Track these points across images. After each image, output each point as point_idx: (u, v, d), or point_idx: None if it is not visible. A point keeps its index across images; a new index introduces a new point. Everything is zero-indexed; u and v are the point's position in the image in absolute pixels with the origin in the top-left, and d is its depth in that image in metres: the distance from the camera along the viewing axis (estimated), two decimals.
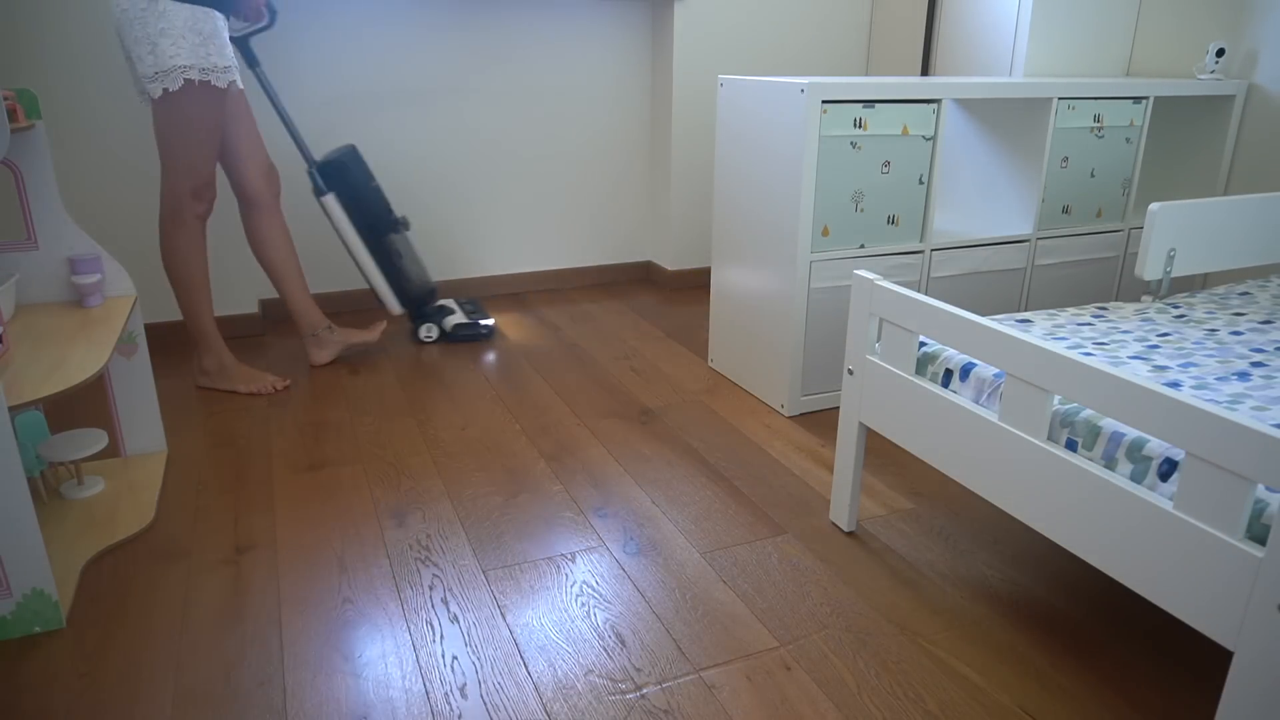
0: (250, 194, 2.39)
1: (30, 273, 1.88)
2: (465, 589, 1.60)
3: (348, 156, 2.63)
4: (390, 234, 2.69)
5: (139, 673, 1.38)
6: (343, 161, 2.61)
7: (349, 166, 2.62)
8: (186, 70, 2.06)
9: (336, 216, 2.62)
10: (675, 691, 1.35)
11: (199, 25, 2.05)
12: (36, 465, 1.86)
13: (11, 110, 1.64)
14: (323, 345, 2.64)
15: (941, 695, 1.35)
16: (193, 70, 2.06)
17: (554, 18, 3.22)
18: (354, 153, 2.66)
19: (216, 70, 2.10)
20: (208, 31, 2.06)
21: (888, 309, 1.57)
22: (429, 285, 2.84)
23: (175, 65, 2.04)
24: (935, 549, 1.75)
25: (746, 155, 2.37)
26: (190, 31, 2.04)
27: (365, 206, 2.64)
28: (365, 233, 2.65)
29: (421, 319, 2.82)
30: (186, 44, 2.04)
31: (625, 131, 3.48)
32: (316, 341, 2.63)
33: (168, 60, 2.04)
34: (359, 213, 2.64)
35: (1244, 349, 1.61)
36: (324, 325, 2.63)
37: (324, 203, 2.60)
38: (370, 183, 2.67)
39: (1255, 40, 2.67)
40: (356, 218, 2.64)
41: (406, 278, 2.75)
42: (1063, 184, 2.54)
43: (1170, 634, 1.49)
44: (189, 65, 2.05)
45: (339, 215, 2.61)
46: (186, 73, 2.06)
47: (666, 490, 1.96)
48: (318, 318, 2.62)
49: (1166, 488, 1.15)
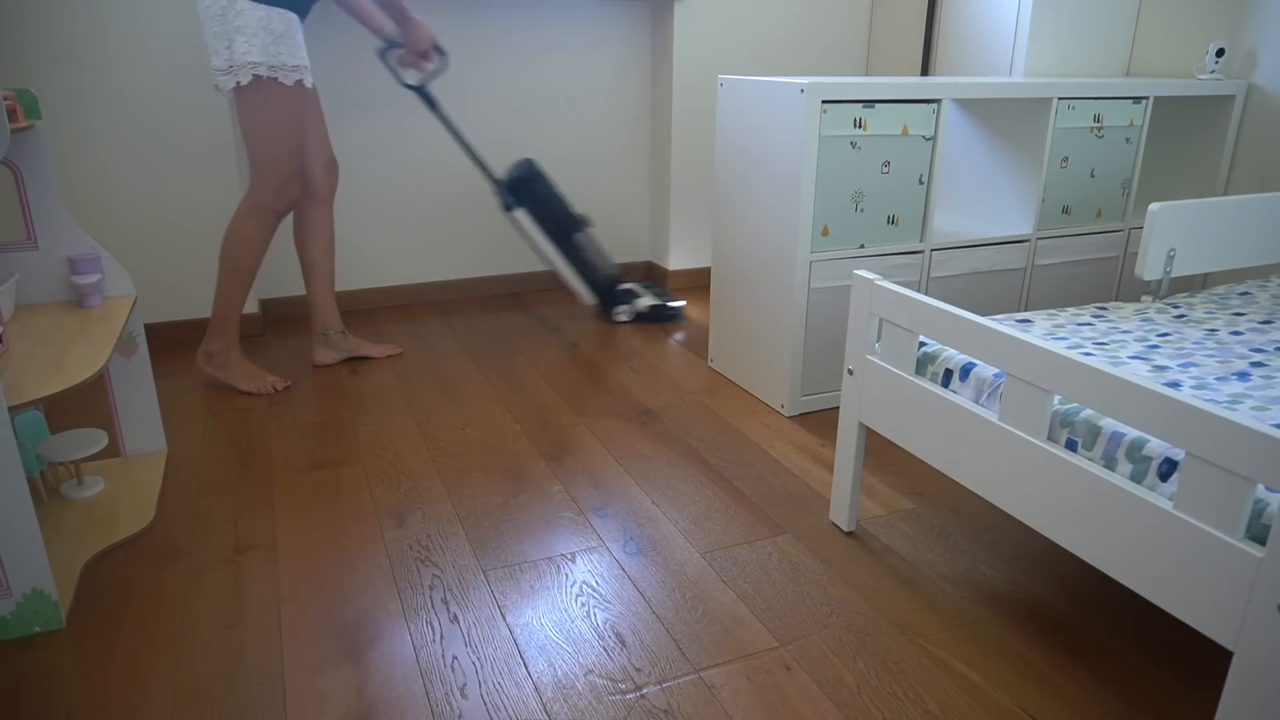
0: (310, 185, 2.47)
1: (30, 273, 1.88)
2: (465, 589, 1.60)
3: (529, 171, 2.86)
4: (576, 233, 2.90)
5: (139, 672, 1.38)
6: (525, 177, 2.85)
7: (531, 180, 2.85)
8: (256, 66, 2.13)
9: (527, 227, 2.84)
10: (675, 691, 1.35)
11: (272, 25, 2.13)
12: (36, 465, 1.86)
13: (11, 110, 1.64)
14: (331, 347, 2.66)
15: (941, 695, 1.35)
16: (262, 66, 2.14)
17: (554, 18, 3.22)
18: (533, 166, 2.87)
19: (285, 68, 2.17)
20: (280, 31, 2.14)
21: (888, 309, 1.57)
22: (615, 273, 3.03)
23: (247, 61, 2.12)
24: (935, 549, 1.75)
25: (746, 155, 2.37)
26: (263, 30, 2.12)
27: (551, 213, 2.87)
28: (554, 236, 2.88)
29: (613, 302, 3.05)
30: (259, 42, 2.12)
31: (625, 131, 3.48)
32: (325, 341, 2.65)
33: (241, 56, 2.12)
34: (546, 219, 2.87)
35: (1244, 349, 1.61)
36: (337, 328, 2.65)
37: (514, 217, 2.83)
38: (553, 190, 2.88)
39: (1255, 40, 2.67)
40: (545, 224, 2.87)
41: (594, 269, 2.97)
42: (1063, 184, 2.54)
43: (1170, 634, 1.49)
44: (259, 62, 2.13)
45: (529, 226, 2.85)
46: (256, 69, 2.14)
47: (666, 490, 1.96)
48: (334, 319, 2.64)
49: (1166, 488, 1.15)
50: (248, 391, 2.44)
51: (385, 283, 3.28)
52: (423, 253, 3.30)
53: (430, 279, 3.34)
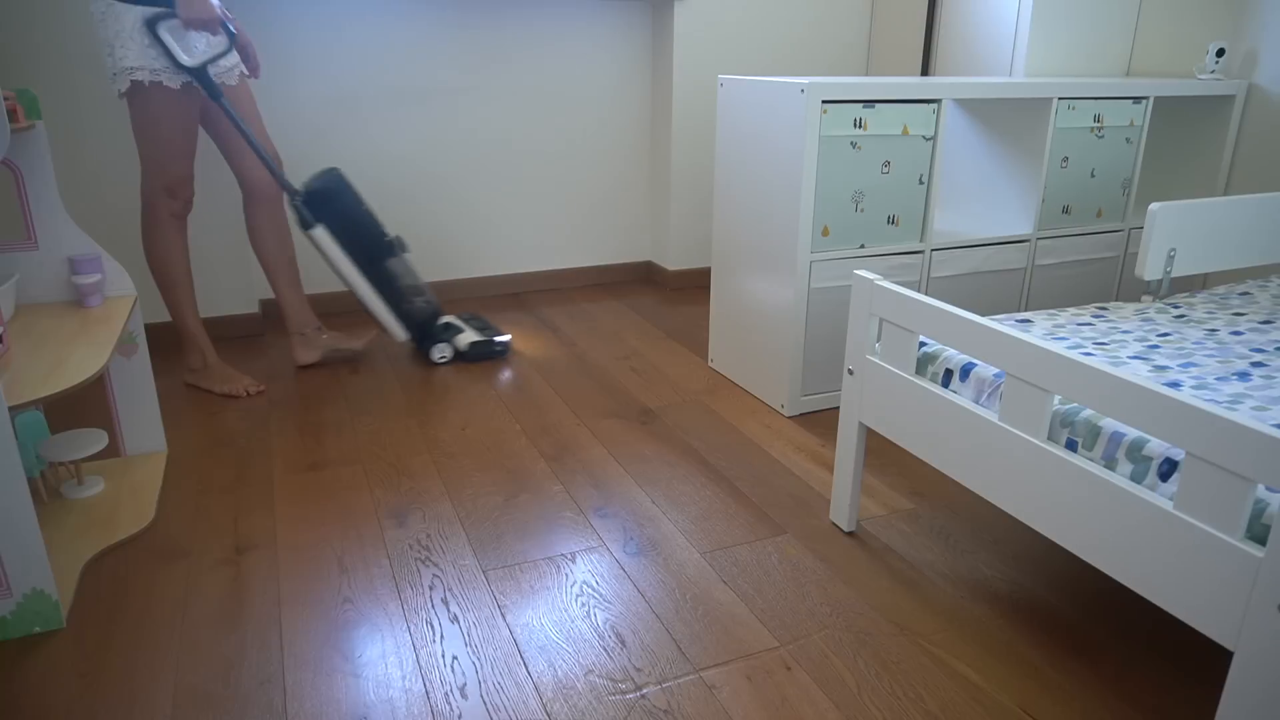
0: (249, 185, 2.39)
1: (30, 273, 1.88)
2: (465, 589, 1.60)
3: (333, 182, 2.45)
4: (387, 259, 2.54)
5: (139, 673, 1.38)
6: (329, 189, 2.44)
7: (336, 194, 2.45)
8: (134, 71, 2.07)
9: (328, 249, 2.45)
10: (675, 691, 1.35)
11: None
12: (36, 465, 1.86)
13: (11, 110, 1.64)
14: (309, 345, 2.63)
15: (941, 695, 1.35)
16: (141, 71, 2.07)
17: (554, 18, 3.22)
18: (339, 178, 2.48)
19: (167, 71, 2.09)
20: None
21: (888, 309, 1.57)
22: (432, 306, 2.69)
23: (124, 66, 2.06)
24: (935, 549, 1.75)
25: (746, 155, 2.37)
26: (138, 33, 2.04)
27: (358, 234, 2.48)
28: (361, 261, 2.50)
29: (431, 340, 2.68)
30: (135, 45, 2.05)
31: (625, 131, 3.48)
32: (303, 340, 2.62)
33: (119, 62, 2.06)
34: (352, 241, 2.47)
35: (1244, 349, 1.61)
36: (313, 325, 2.62)
37: (313, 236, 2.42)
38: (360, 207, 2.50)
39: (1255, 40, 2.67)
40: (350, 246, 2.47)
41: (408, 301, 2.61)
42: (1063, 184, 2.54)
43: (1170, 634, 1.49)
44: (137, 66, 2.06)
45: (331, 247, 2.45)
46: (134, 74, 2.07)
47: (666, 490, 1.96)
48: (307, 316, 2.60)
49: (1166, 488, 1.15)
50: (222, 394, 2.42)
51: None
52: (423, 253, 3.29)
53: (430, 279, 3.34)
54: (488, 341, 2.70)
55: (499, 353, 2.74)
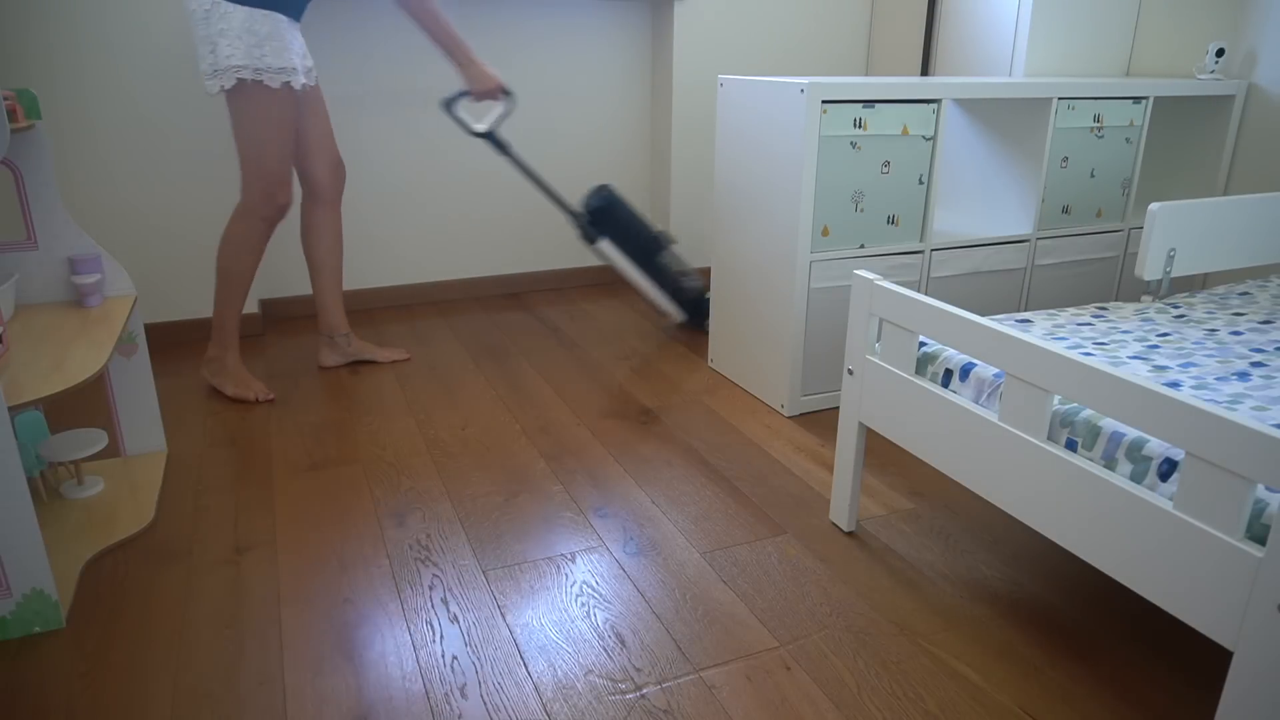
0: (313, 186, 2.45)
1: (30, 273, 1.88)
2: (465, 589, 1.60)
3: (607, 199, 2.79)
4: (660, 252, 2.84)
5: (139, 673, 1.38)
6: (605, 206, 2.79)
7: (611, 208, 2.79)
8: (240, 70, 2.09)
9: (612, 257, 2.80)
10: (675, 691, 1.35)
11: (255, 27, 2.08)
12: (36, 465, 1.86)
13: (11, 110, 1.64)
14: (336, 350, 2.66)
15: (941, 695, 1.35)
16: (246, 70, 2.10)
17: (554, 18, 3.22)
18: (611, 193, 2.81)
19: (270, 71, 2.12)
20: (264, 33, 2.09)
21: (888, 309, 1.57)
22: (700, 285, 2.95)
23: (230, 65, 2.09)
24: (935, 549, 1.75)
25: (746, 155, 2.37)
26: (246, 33, 2.07)
27: (633, 238, 2.81)
28: (640, 261, 2.83)
29: (703, 315, 2.96)
30: (242, 45, 2.08)
31: (625, 131, 3.48)
32: (331, 344, 2.65)
33: (224, 60, 2.08)
34: (630, 245, 2.81)
35: (1244, 349, 1.61)
36: (343, 331, 2.65)
37: (598, 249, 2.79)
38: (632, 214, 2.83)
39: (1255, 40, 2.67)
40: (629, 250, 2.81)
41: (681, 287, 2.90)
42: (1063, 184, 2.54)
43: (1170, 634, 1.49)
44: (243, 65, 2.09)
45: (614, 255, 2.80)
46: (240, 72, 2.10)
47: (666, 490, 1.96)
48: (340, 321, 2.63)
49: (1166, 488, 1.15)
50: (233, 398, 2.41)
51: (385, 282, 3.28)
52: (423, 253, 3.30)
53: (430, 279, 3.34)
54: None
55: None
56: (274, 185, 2.26)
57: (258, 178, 2.24)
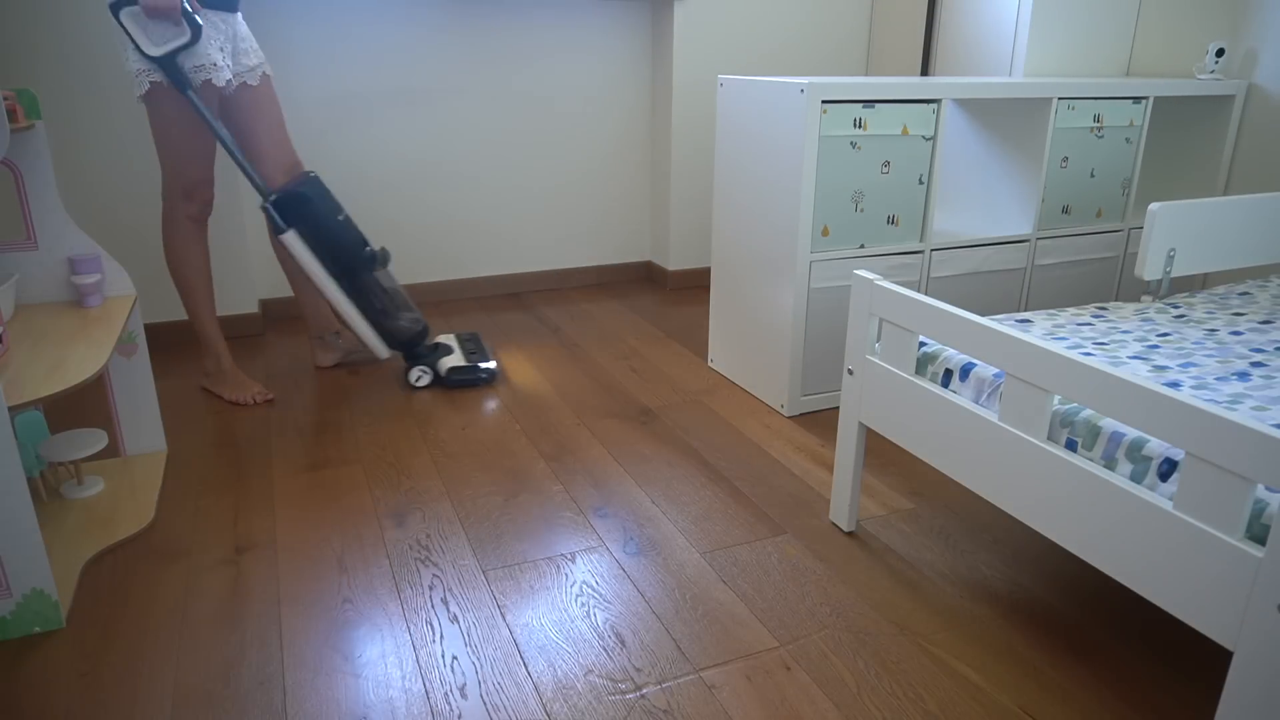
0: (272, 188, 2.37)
1: (30, 273, 1.88)
2: (465, 589, 1.60)
3: (309, 187, 2.32)
4: (367, 272, 2.40)
5: (139, 673, 1.38)
6: (302, 194, 2.30)
7: (310, 199, 2.31)
8: (149, 72, 2.04)
9: (301, 256, 2.33)
10: (675, 691, 1.35)
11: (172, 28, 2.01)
12: (36, 465, 1.86)
13: (11, 110, 1.64)
14: (328, 348, 2.66)
15: (941, 695, 1.35)
16: (155, 73, 2.04)
17: (554, 18, 3.22)
18: (316, 183, 2.35)
19: (182, 70, 2.06)
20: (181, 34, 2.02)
21: (888, 309, 1.57)
22: (418, 324, 2.52)
23: (137, 69, 2.04)
24: (935, 549, 1.75)
25: (746, 155, 2.37)
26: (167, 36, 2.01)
27: (334, 243, 2.34)
28: (338, 272, 2.37)
29: (414, 360, 2.53)
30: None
31: (625, 131, 3.48)
32: (323, 344, 2.65)
33: (132, 64, 2.04)
34: (328, 251, 2.35)
35: (1244, 349, 1.61)
36: (332, 330, 2.65)
37: (284, 240, 2.31)
38: (337, 216, 2.36)
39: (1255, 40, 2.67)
40: (325, 256, 2.35)
41: (390, 317, 2.46)
42: (1063, 184, 2.54)
43: (1170, 634, 1.49)
44: (148, 68, 2.03)
45: (303, 254, 2.33)
46: (150, 74, 2.04)
47: (666, 490, 1.96)
48: (327, 321, 2.63)
49: (1166, 488, 1.15)
50: (231, 401, 2.40)
51: None
52: (423, 253, 3.30)
53: (430, 279, 3.34)
54: (470, 368, 2.51)
55: (483, 380, 2.54)
56: (193, 186, 2.21)
57: (175, 178, 2.19)
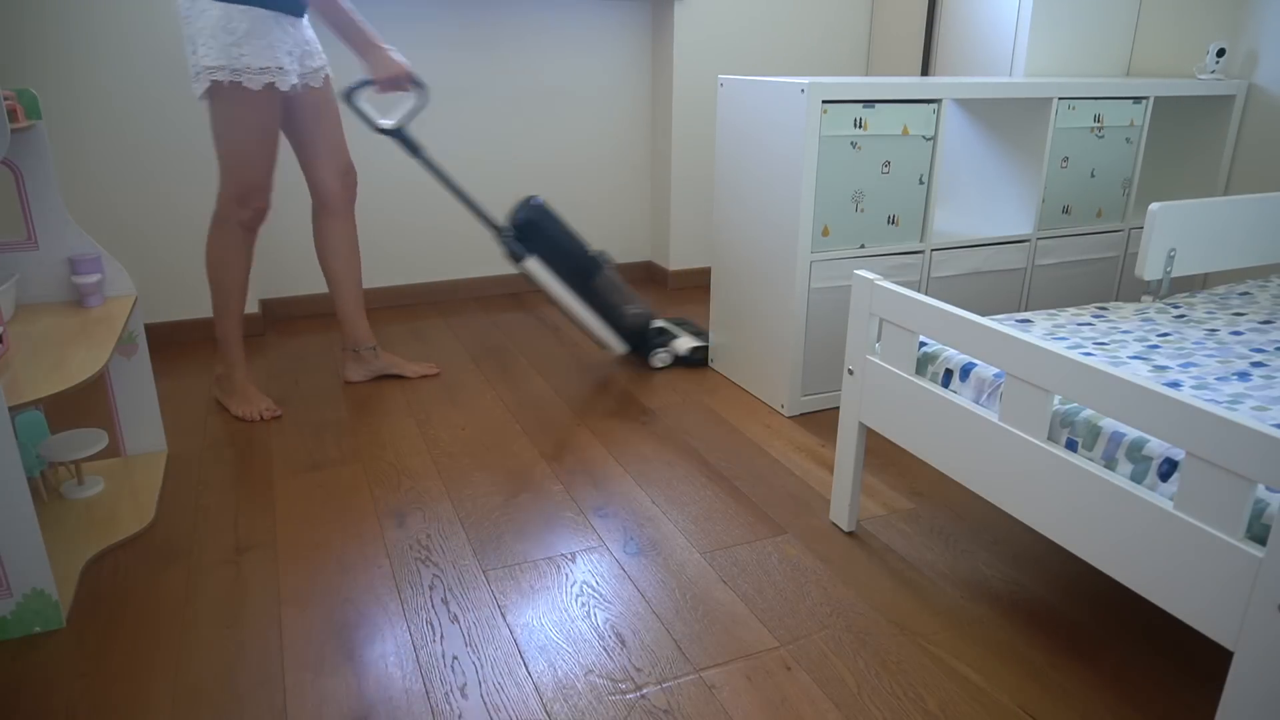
0: (322, 196, 2.33)
1: (30, 273, 1.88)
2: (465, 589, 1.60)
3: (537, 213, 2.49)
4: (597, 275, 2.55)
5: (139, 673, 1.38)
6: (534, 221, 2.48)
7: (541, 224, 2.49)
8: (215, 71, 1.98)
9: (541, 279, 2.50)
10: (675, 691, 1.35)
11: (232, 24, 1.95)
12: (36, 465, 1.86)
13: (11, 110, 1.64)
14: (361, 364, 2.53)
15: (941, 695, 1.35)
16: (221, 71, 1.97)
17: (554, 18, 3.22)
18: (542, 207, 2.51)
19: (249, 71, 1.99)
20: (242, 31, 1.96)
21: (888, 309, 1.57)
22: (645, 313, 2.64)
23: (205, 65, 1.98)
24: (935, 549, 1.75)
25: (746, 155, 2.37)
26: (222, 30, 1.95)
27: (567, 258, 2.51)
28: (573, 283, 2.54)
29: (649, 348, 2.68)
30: (217, 44, 1.95)
31: (625, 131, 3.48)
32: (356, 358, 2.52)
33: (200, 60, 1.98)
34: (562, 266, 2.52)
35: (1244, 349, 1.61)
36: (368, 344, 2.51)
37: (525, 268, 2.49)
38: (565, 232, 2.52)
39: (1255, 40, 2.67)
40: (561, 271, 2.52)
41: (621, 314, 2.60)
42: (1063, 184, 2.54)
43: (1170, 634, 1.49)
44: (218, 65, 1.97)
45: (544, 277, 2.50)
46: (215, 74, 1.98)
47: (666, 490, 1.96)
48: (365, 334, 2.50)
49: (1166, 488, 1.15)
50: (237, 416, 2.30)
51: (385, 283, 3.28)
52: (423, 253, 3.30)
53: (430, 279, 3.34)
54: (705, 346, 2.73)
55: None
56: (249, 191, 2.15)
57: (233, 183, 2.13)
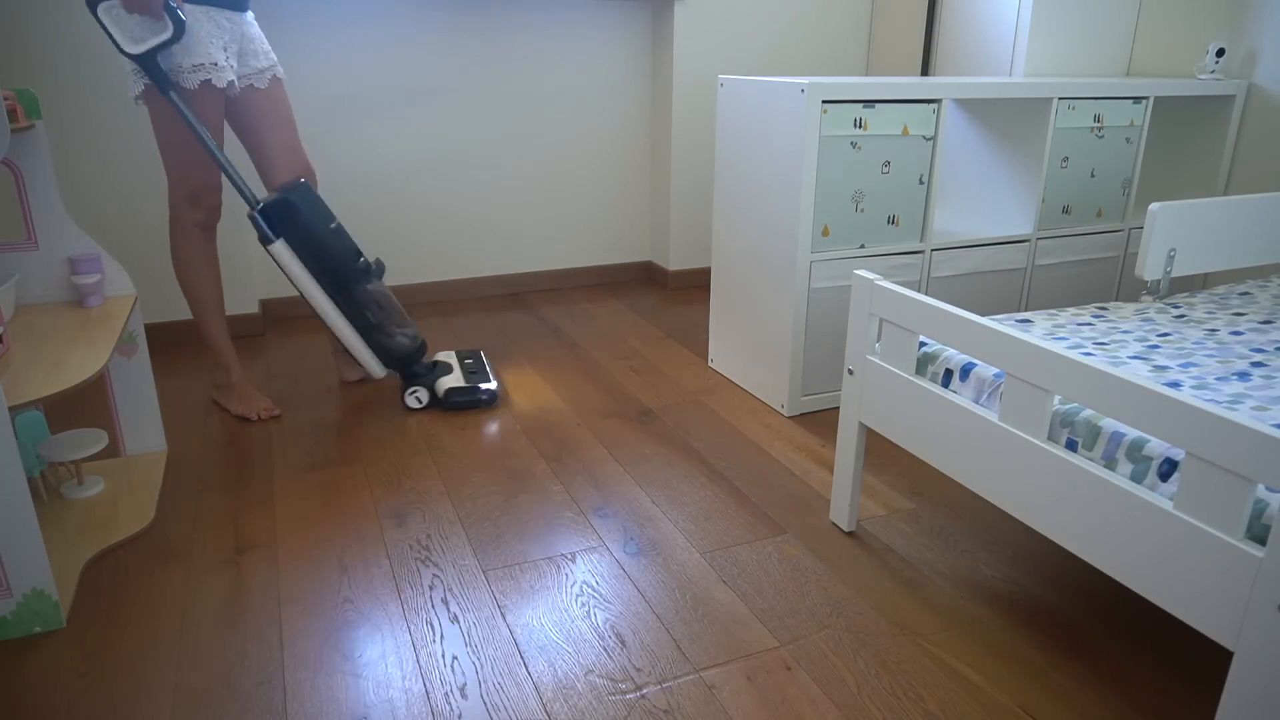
0: None
1: (30, 273, 1.88)
2: (465, 589, 1.60)
3: (298, 195, 2.15)
4: (360, 284, 2.24)
5: (139, 673, 1.38)
6: (290, 202, 2.13)
7: (299, 207, 2.14)
8: (143, 72, 1.93)
9: (290, 267, 2.16)
10: (675, 691, 1.35)
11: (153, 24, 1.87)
12: (36, 465, 1.86)
13: (11, 110, 1.64)
14: (353, 364, 2.53)
15: (941, 695, 1.35)
16: None
17: (554, 18, 3.22)
18: (306, 190, 2.18)
19: (181, 70, 1.93)
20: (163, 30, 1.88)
21: (888, 309, 1.57)
22: (415, 340, 2.35)
23: (134, 68, 1.94)
24: (935, 549, 1.75)
25: (746, 155, 2.37)
26: (148, 33, 1.88)
27: (325, 254, 2.18)
28: (329, 285, 2.21)
29: (411, 380, 2.38)
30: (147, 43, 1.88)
31: (625, 131, 3.48)
32: (348, 359, 2.53)
33: (128, 64, 1.94)
34: (319, 262, 2.18)
35: (1244, 349, 1.61)
36: None
37: (272, 251, 2.15)
38: (329, 225, 2.19)
39: (1255, 40, 2.67)
40: (316, 268, 2.19)
41: (385, 333, 2.29)
42: (1063, 184, 2.54)
43: (1170, 634, 1.49)
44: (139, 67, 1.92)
45: (293, 265, 2.16)
46: (143, 74, 1.93)
47: (666, 490, 1.96)
48: None
49: (1166, 488, 1.15)
50: (238, 415, 2.30)
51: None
52: (423, 253, 3.30)
53: (430, 279, 3.34)
54: (470, 389, 2.36)
55: (483, 402, 2.38)
56: (197, 191, 2.10)
57: (179, 184, 2.08)
